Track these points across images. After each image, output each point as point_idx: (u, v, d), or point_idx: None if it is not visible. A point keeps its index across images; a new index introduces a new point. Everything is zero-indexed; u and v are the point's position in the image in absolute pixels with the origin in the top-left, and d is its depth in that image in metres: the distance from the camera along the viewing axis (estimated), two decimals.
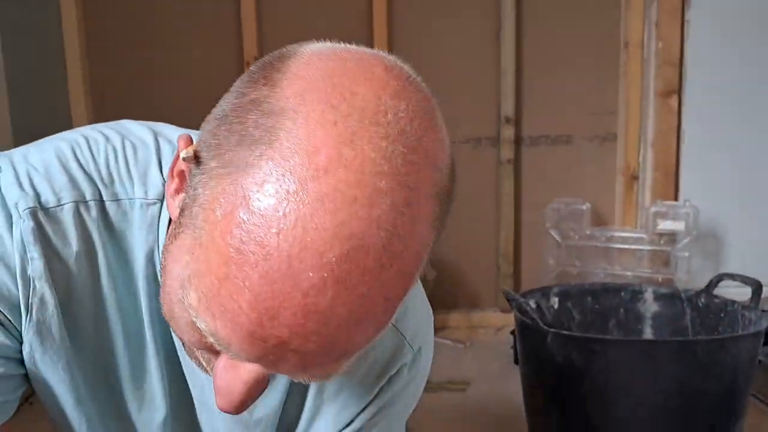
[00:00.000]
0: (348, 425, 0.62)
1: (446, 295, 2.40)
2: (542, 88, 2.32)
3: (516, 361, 1.98)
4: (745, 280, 1.48)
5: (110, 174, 0.54)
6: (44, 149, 0.54)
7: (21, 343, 0.54)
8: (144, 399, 0.59)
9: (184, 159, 0.42)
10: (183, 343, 0.50)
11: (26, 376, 0.57)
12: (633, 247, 2.23)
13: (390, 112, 0.39)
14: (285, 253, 0.35)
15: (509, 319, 2.26)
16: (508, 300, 1.52)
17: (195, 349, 0.47)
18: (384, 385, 0.61)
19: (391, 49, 2.24)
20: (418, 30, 2.29)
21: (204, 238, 0.39)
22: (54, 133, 0.58)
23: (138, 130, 0.57)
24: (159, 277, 0.53)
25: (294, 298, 0.36)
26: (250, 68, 0.44)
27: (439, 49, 2.30)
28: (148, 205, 0.54)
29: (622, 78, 2.31)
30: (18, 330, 0.53)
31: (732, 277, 1.51)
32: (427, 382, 2.10)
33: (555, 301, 1.69)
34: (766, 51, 2.23)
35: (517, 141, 2.34)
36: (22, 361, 0.55)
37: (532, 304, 1.66)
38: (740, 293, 1.60)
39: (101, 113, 2.20)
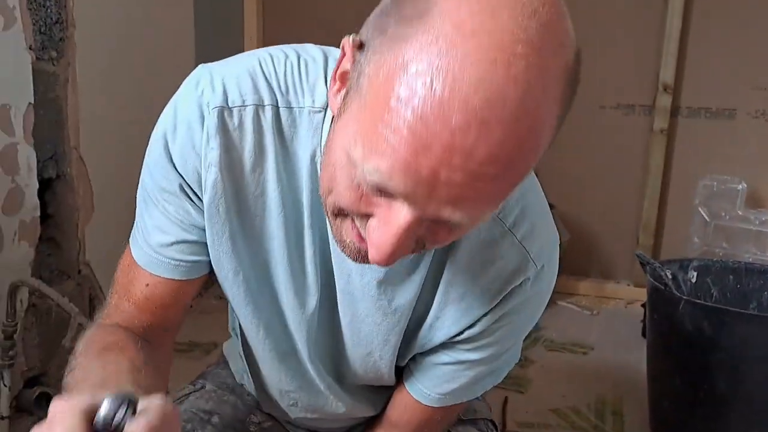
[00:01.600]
0: (470, 327, 0.68)
1: (579, 262, 2.38)
2: (707, 58, 2.20)
3: (644, 334, 1.95)
4: None
5: (287, 85, 0.63)
6: (239, 61, 0.64)
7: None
8: (299, 285, 0.67)
9: (351, 41, 0.51)
10: (335, 227, 0.56)
11: None
12: None
13: None
14: (437, 98, 0.42)
15: (642, 294, 2.22)
16: (642, 264, 1.51)
17: (350, 223, 0.53)
18: (506, 295, 0.66)
19: None
20: None
21: (369, 99, 0.47)
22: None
23: (312, 49, 0.66)
24: (319, 172, 0.61)
25: (443, 135, 0.43)
26: None
27: (597, 2, 2.23)
28: (315, 112, 0.62)
29: None
30: (203, 205, 0.64)
31: None
32: (551, 341, 2.15)
33: (693, 275, 1.64)
34: None
35: (674, 111, 2.25)
36: None
37: (668, 273, 1.63)
38: None
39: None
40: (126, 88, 1.78)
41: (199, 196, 0.64)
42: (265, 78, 0.62)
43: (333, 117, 0.54)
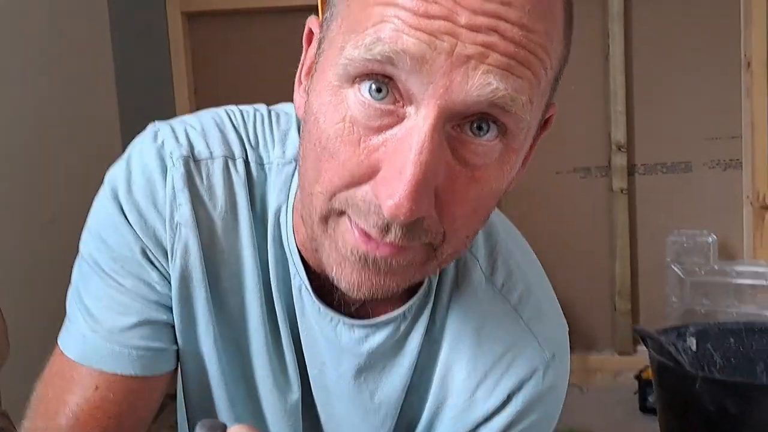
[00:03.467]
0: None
1: None
2: (655, 113, 2.18)
3: (643, 409, 1.81)
4: None
5: (257, 137, 0.56)
6: (202, 115, 0.57)
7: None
8: (277, 374, 0.57)
9: (306, 35, 0.49)
10: (327, 244, 0.47)
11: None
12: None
13: None
14: None
15: (628, 363, 2.09)
16: (643, 339, 1.38)
17: (347, 222, 0.45)
18: (514, 389, 0.56)
19: None
20: None
21: (344, 20, 0.43)
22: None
23: (284, 105, 0.60)
24: (287, 222, 0.55)
25: None
26: None
27: None
28: (284, 164, 0.55)
29: (746, 100, 2.14)
30: (169, 275, 0.54)
31: None
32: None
33: (692, 342, 1.52)
34: None
35: (630, 169, 2.20)
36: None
37: (668, 345, 1.51)
38: None
39: None
40: (37, 207, 1.58)
41: (164, 264, 0.53)
42: (235, 130, 0.56)
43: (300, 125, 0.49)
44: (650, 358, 1.37)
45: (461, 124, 0.42)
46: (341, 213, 0.44)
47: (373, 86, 0.41)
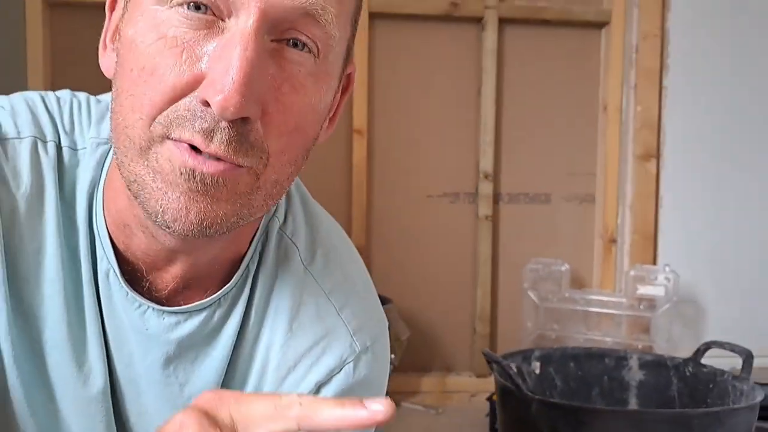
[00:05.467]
0: None
1: (420, 358, 2.29)
2: (521, 146, 2.30)
3: (492, 431, 1.87)
4: (734, 348, 1.41)
5: (72, 122, 0.56)
6: (14, 96, 0.56)
7: None
8: (80, 366, 0.54)
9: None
10: (151, 175, 0.46)
11: None
12: (612, 311, 2.16)
13: None
14: None
15: (484, 385, 2.16)
16: (489, 362, 1.43)
17: (171, 144, 0.45)
18: (323, 380, 0.56)
19: (370, 100, 2.21)
20: (397, 76, 2.27)
21: None
22: None
23: (104, 95, 0.61)
24: (94, 221, 0.53)
25: None
26: None
27: (420, 102, 2.27)
28: (99, 144, 0.55)
29: (601, 140, 2.30)
30: None
31: (721, 345, 1.45)
32: None
33: (536, 366, 1.60)
34: (741, 119, 2.25)
35: (496, 198, 2.30)
36: None
37: (514, 368, 1.57)
38: (724, 363, 1.54)
39: None
40: None
41: None
42: (48, 113, 0.55)
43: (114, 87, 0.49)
44: (495, 381, 1.43)
45: (279, 41, 0.46)
46: (163, 138, 0.44)
47: (192, 5, 0.43)
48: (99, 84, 0.60)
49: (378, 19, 2.19)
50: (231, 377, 0.57)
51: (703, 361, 1.50)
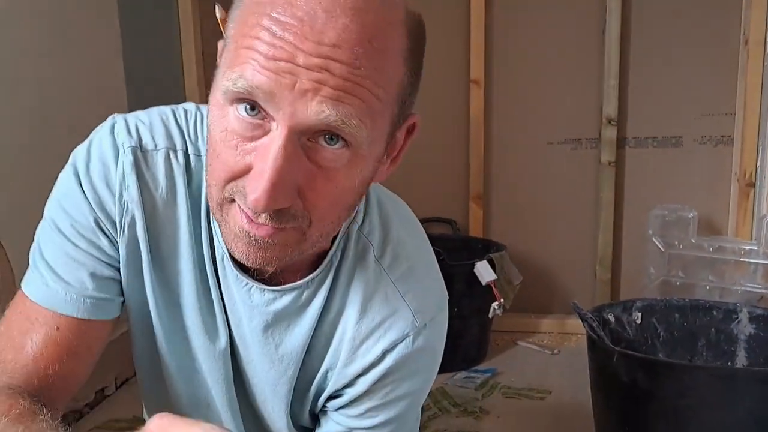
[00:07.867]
0: (350, 386, 0.70)
1: (539, 300, 2.36)
2: (649, 88, 2.21)
3: None
4: None
5: (196, 133, 0.68)
6: (152, 111, 0.69)
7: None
8: (208, 327, 0.69)
9: (219, 17, 0.58)
10: (224, 226, 0.59)
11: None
12: (744, 259, 2.07)
13: None
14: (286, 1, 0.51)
15: None
16: (578, 314, 1.49)
17: (237, 209, 0.56)
18: (388, 348, 0.68)
19: (487, 49, 2.23)
20: (516, 24, 2.26)
21: (231, 40, 0.55)
22: None
23: None
24: (212, 219, 0.67)
25: (293, 24, 0.50)
26: None
27: (540, 45, 2.25)
28: None
29: (741, 78, 2.14)
30: (117, 243, 0.66)
31: None
32: (509, 388, 2.10)
33: (638, 316, 1.62)
34: None
35: (620, 142, 2.25)
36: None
37: (612, 317, 1.61)
38: None
39: None
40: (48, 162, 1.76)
41: (113, 233, 0.66)
42: (177, 126, 0.68)
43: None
44: (586, 333, 1.49)
45: (315, 137, 0.54)
46: (232, 200, 0.57)
47: (248, 106, 0.53)
48: None
49: None
50: (314, 344, 0.70)
51: None
